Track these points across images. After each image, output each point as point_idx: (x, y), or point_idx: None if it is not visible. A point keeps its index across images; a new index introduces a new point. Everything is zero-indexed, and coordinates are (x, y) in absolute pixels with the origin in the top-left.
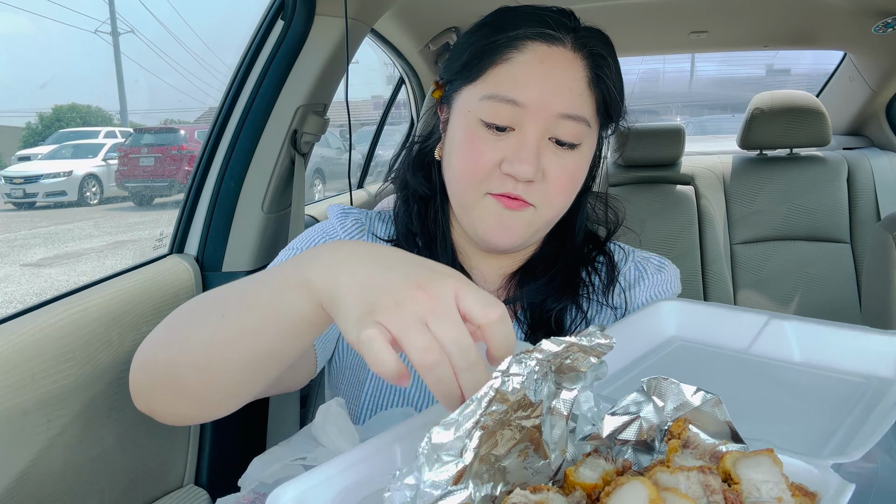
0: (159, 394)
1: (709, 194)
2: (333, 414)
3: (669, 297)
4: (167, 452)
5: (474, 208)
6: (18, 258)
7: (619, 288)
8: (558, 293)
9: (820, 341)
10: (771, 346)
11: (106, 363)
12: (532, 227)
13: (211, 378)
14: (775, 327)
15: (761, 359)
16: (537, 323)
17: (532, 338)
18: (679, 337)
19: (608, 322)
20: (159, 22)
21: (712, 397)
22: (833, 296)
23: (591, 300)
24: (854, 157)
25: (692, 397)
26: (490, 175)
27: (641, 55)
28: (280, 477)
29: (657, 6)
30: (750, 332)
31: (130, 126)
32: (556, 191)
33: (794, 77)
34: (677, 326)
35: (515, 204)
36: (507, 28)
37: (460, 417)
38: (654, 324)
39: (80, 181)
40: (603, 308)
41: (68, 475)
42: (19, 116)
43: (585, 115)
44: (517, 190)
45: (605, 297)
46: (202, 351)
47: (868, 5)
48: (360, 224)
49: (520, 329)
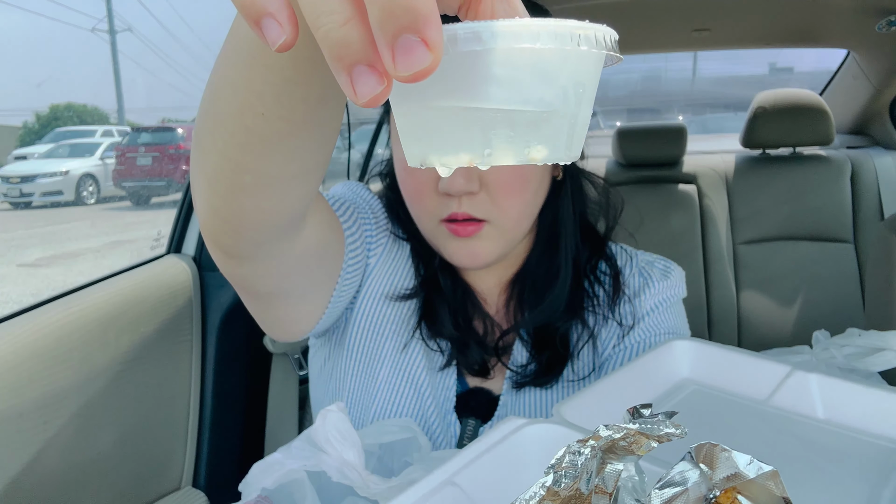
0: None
1: (711, 193)
2: (333, 419)
3: (675, 302)
4: (165, 454)
5: (435, 238)
6: (15, 258)
7: (625, 298)
8: (564, 313)
9: (846, 399)
10: (793, 399)
11: (103, 364)
12: (498, 243)
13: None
14: (799, 380)
15: (782, 412)
16: (542, 343)
17: (538, 358)
18: (693, 380)
19: (614, 336)
20: (157, 20)
21: (769, 469)
22: (836, 295)
23: (598, 314)
24: (857, 156)
25: (746, 468)
26: (431, 199)
27: (643, 54)
28: (283, 483)
29: (659, 4)
30: (770, 382)
31: (128, 125)
32: (503, 196)
33: (797, 75)
34: (691, 368)
35: (467, 230)
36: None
37: None
38: (666, 364)
39: (77, 181)
40: (609, 322)
41: (65, 477)
42: (16, 115)
43: None
44: (462, 208)
45: (612, 310)
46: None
47: (872, 4)
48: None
49: (525, 349)
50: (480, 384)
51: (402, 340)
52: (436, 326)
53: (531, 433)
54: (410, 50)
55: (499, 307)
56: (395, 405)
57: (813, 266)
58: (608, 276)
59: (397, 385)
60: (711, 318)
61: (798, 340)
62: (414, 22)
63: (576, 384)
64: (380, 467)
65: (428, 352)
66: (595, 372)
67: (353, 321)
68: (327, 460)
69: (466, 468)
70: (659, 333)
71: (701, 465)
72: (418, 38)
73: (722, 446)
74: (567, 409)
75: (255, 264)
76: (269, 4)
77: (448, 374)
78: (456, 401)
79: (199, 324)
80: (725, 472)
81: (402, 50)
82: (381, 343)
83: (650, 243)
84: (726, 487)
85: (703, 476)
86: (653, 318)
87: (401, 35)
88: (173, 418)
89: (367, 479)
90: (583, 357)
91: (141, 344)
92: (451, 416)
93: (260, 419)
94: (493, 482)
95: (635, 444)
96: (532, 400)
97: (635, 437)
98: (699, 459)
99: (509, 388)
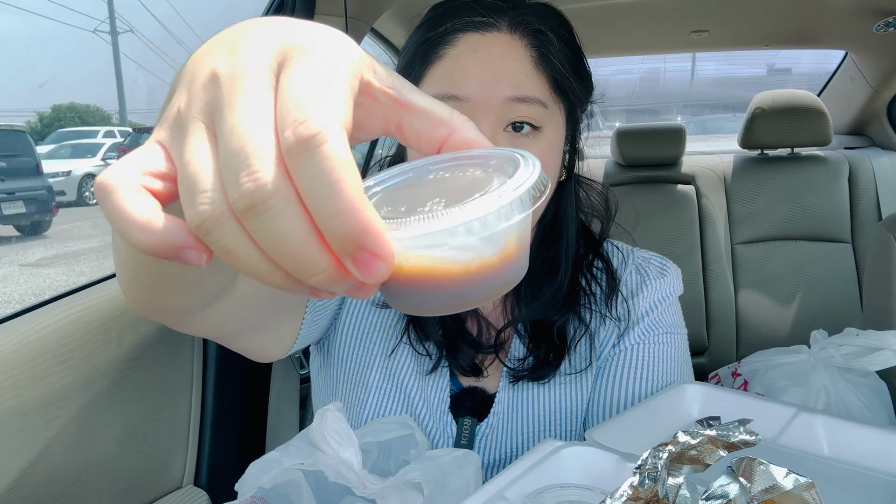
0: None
1: (710, 194)
2: (331, 418)
3: (672, 301)
4: (166, 453)
5: None
6: (17, 258)
7: (620, 297)
8: (561, 307)
9: (850, 438)
10: (800, 438)
11: (105, 363)
12: None
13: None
14: (804, 420)
15: (791, 450)
16: (539, 337)
17: (535, 353)
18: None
19: (612, 335)
20: (158, 21)
21: (805, 481)
22: (834, 296)
23: (594, 311)
24: (855, 157)
25: (783, 480)
26: None
27: (642, 55)
28: (279, 482)
29: (657, 5)
30: (777, 422)
31: (129, 125)
32: None
33: (795, 76)
34: (700, 410)
35: None
36: (439, 24)
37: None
38: (677, 407)
39: (79, 181)
40: (606, 319)
41: (67, 476)
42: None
43: (538, 96)
44: None
45: (608, 307)
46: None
47: (869, 5)
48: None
49: (522, 343)
50: (475, 383)
51: (389, 346)
52: (424, 331)
53: (568, 454)
54: (368, 264)
55: (495, 304)
56: (385, 411)
57: (811, 266)
58: (603, 273)
59: (386, 391)
60: (710, 318)
61: (796, 340)
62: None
63: (572, 378)
64: (377, 466)
65: (416, 356)
66: (592, 367)
67: (339, 330)
68: (325, 460)
69: (514, 484)
70: (657, 332)
71: (740, 478)
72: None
73: (760, 460)
74: (598, 434)
75: (191, 327)
76: (176, 239)
77: (441, 376)
78: (451, 401)
79: None
80: (763, 484)
81: (361, 265)
82: (370, 349)
83: (649, 243)
84: (765, 500)
85: (742, 489)
86: (651, 317)
87: (356, 253)
88: (175, 417)
89: (364, 479)
90: (580, 351)
91: (142, 343)
92: (447, 417)
93: (261, 418)
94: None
95: (706, 453)
96: (528, 396)
97: (707, 446)
98: (739, 473)
99: (506, 385)
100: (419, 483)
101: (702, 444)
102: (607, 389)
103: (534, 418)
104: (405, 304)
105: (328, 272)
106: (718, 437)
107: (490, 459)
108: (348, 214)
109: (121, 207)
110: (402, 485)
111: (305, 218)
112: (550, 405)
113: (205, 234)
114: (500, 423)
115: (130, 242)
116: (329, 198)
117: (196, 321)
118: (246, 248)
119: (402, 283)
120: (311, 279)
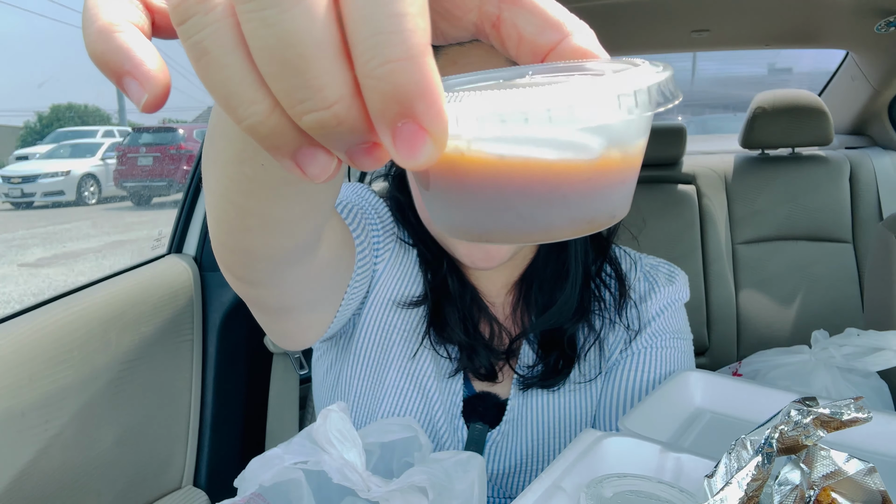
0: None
1: (710, 194)
2: (335, 418)
3: (679, 307)
4: (166, 453)
5: (447, 239)
6: (16, 258)
7: (630, 302)
8: (573, 315)
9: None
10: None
11: (104, 363)
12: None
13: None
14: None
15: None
16: (549, 345)
17: (545, 359)
18: (707, 409)
19: (621, 341)
20: None
21: (866, 466)
22: (835, 295)
23: (604, 318)
24: (856, 157)
25: (845, 465)
26: None
27: (642, 54)
28: (280, 480)
29: (658, 5)
30: (777, 408)
31: (129, 125)
32: None
33: (796, 76)
34: (702, 398)
35: None
36: None
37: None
38: (680, 394)
39: (79, 181)
40: (616, 327)
41: (66, 476)
42: (17, 115)
43: None
44: None
45: (619, 313)
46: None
47: (870, 4)
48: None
49: (532, 350)
50: (487, 389)
51: (411, 348)
52: (445, 333)
53: (609, 444)
54: (412, 140)
55: (506, 309)
56: (402, 411)
57: (812, 266)
58: (613, 279)
59: (405, 391)
60: (710, 317)
61: (797, 340)
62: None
63: (583, 386)
64: (379, 467)
65: (437, 358)
66: (602, 375)
67: (360, 327)
68: (328, 460)
69: (567, 475)
70: (665, 337)
71: (802, 465)
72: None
73: (821, 445)
74: (630, 422)
75: (268, 287)
76: (125, 61)
77: (455, 380)
78: (463, 405)
79: (200, 323)
80: (824, 470)
81: (402, 138)
82: (389, 349)
83: (650, 243)
84: (824, 486)
85: (804, 476)
86: (658, 322)
87: (400, 121)
88: (174, 418)
89: (367, 481)
90: (590, 359)
91: (142, 343)
92: (459, 421)
93: (260, 418)
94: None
95: (803, 434)
96: (540, 403)
97: (811, 423)
98: (801, 460)
99: (516, 392)
100: (424, 487)
101: (806, 424)
102: (614, 392)
103: (543, 426)
104: (450, 217)
105: (337, 109)
106: (829, 416)
107: (499, 468)
108: (407, 63)
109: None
110: (407, 488)
111: (334, 26)
112: (560, 413)
113: (181, 18)
114: (511, 430)
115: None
116: (383, 33)
117: (277, 277)
118: (227, 50)
119: (453, 181)
120: (309, 115)
